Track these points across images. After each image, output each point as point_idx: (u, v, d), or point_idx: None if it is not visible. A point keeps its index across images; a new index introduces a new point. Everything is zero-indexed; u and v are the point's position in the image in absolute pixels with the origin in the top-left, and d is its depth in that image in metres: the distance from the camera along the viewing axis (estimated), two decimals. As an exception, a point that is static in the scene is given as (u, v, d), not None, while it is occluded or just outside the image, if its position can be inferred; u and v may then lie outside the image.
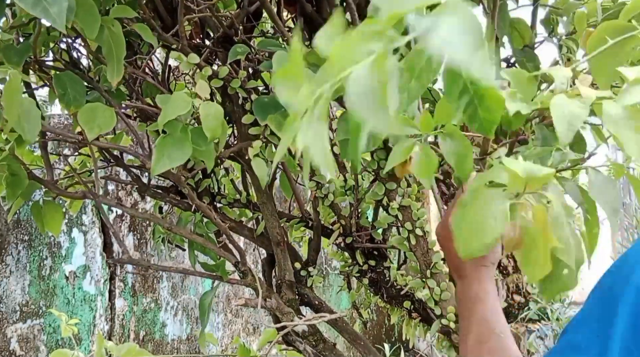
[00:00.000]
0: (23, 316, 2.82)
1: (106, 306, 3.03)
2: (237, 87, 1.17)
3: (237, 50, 1.07)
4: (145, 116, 1.47)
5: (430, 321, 1.37)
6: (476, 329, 0.90)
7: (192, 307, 3.30)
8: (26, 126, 0.83)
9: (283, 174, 1.63)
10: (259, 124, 1.24)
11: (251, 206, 1.57)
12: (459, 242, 0.60)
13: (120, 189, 3.04)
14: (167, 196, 1.55)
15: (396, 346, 3.82)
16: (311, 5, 1.30)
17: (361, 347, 1.51)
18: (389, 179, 1.26)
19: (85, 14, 0.89)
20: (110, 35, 0.93)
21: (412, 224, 1.26)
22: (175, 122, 0.93)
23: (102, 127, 0.97)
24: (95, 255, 3.02)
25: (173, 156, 0.92)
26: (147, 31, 1.03)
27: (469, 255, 0.59)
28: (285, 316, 1.40)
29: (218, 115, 0.93)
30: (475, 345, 0.88)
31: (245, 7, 1.26)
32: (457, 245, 0.61)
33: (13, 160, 1.21)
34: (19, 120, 0.83)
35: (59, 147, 2.64)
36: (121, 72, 0.97)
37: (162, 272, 3.17)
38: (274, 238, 1.45)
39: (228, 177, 1.63)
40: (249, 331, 3.54)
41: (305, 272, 1.50)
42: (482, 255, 0.76)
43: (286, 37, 1.12)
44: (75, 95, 1.02)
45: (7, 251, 2.83)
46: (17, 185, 1.23)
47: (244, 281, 1.41)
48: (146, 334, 3.12)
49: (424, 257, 1.27)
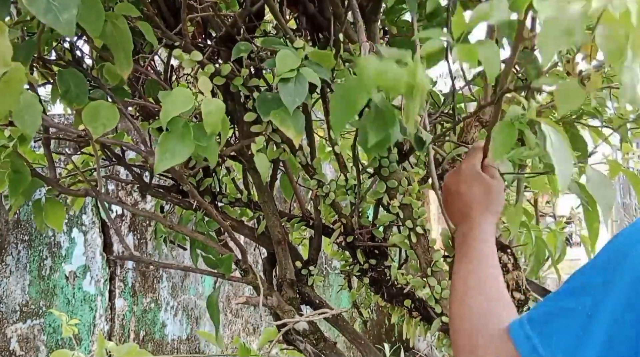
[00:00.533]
0: (23, 316, 2.83)
1: (106, 306, 3.03)
2: (240, 84, 1.18)
3: (240, 48, 1.07)
4: (147, 115, 1.48)
5: (430, 320, 1.38)
6: (476, 268, 0.92)
7: (192, 307, 3.30)
8: (27, 119, 0.83)
9: (284, 175, 1.63)
10: (260, 122, 1.25)
11: (252, 205, 1.58)
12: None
13: (121, 188, 3.05)
14: (168, 194, 1.55)
15: (396, 346, 3.83)
16: (313, 5, 1.31)
17: (361, 347, 1.52)
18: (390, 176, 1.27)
19: (88, 12, 0.90)
20: (115, 30, 0.94)
21: (412, 222, 1.27)
22: (178, 119, 0.94)
23: (107, 125, 0.98)
24: (95, 255, 3.02)
25: (175, 153, 0.93)
26: (149, 30, 1.04)
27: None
28: (286, 315, 1.41)
29: (219, 111, 0.93)
30: (476, 287, 0.90)
31: (248, 7, 1.27)
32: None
33: (16, 158, 1.22)
34: (20, 113, 0.84)
35: (59, 146, 2.65)
36: (130, 64, 0.97)
37: (162, 272, 3.17)
38: (275, 237, 1.46)
39: (229, 177, 1.63)
40: (249, 331, 3.54)
41: (306, 271, 1.51)
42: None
43: (289, 35, 1.13)
44: (78, 93, 1.02)
45: (7, 251, 2.83)
46: (19, 182, 1.24)
47: (245, 279, 1.41)
48: (146, 334, 3.12)
49: (424, 255, 1.27)
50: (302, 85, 0.93)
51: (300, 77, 0.93)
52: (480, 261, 0.92)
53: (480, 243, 0.94)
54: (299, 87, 0.92)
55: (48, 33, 1.12)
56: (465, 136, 1.30)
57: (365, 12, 1.31)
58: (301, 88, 0.92)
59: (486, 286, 0.88)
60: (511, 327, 0.78)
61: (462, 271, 0.92)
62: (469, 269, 0.91)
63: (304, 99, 0.92)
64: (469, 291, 0.89)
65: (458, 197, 1.00)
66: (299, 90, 0.92)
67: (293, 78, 0.93)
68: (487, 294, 0.87)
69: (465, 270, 0.92)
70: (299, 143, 0.93)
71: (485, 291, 0.88)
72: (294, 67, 0.93)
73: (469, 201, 0.98)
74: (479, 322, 0.83)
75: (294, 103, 0.91)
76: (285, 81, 0.93)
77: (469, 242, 0.95)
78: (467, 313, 0.86)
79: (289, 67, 0.93)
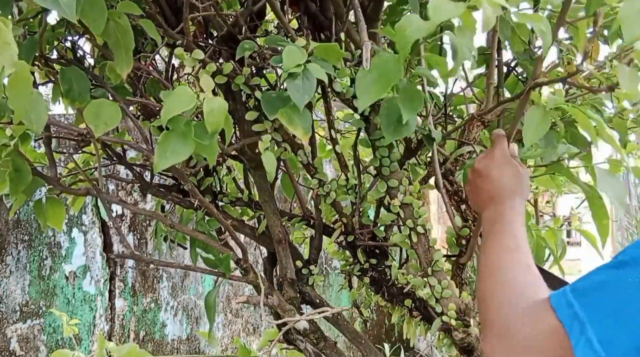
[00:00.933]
0: (23, 316, 2.83)
1: (106, 306, 3.03)
2: (241, 83, 1.18)
3: (245, 46, 1.07)
4: (148, 114, 1.48)
5: (431, 320, 1.38)
6: (511, 244, 0.91)
7: (192, 307, 3.30)
8: (34, 116, 0.83)
9: (285, 174, 1.63)
10: (261, 122, 1.25)
11: (253, 204, 1.58)
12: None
13: (121, 188, 3.05)
14: (169, 194, 1.55)
15: (396, 345, 3.82)
16: (315, 4, 1.31)
17: (362, 346, 1.52)
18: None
19: (91, 10, 0.90)
20: (117, 28, 0.94)
21: (413, 221, 1.27)
22: (179, 118, 0.94)
23: (109, 123, 0.98)
24: (95, 255, 3.02)
25: (176, 152, 0.92)
26: (151, 27, 1.04)
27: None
28: (287, 314, 1.41)
29: (222, 110, 0.93)
30: (504, 254, 0.89)
31: (249, 6, 1.27)
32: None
33: (17, 156, 1.22)
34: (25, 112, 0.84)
35: (60, 146, 2.65)
36: (130, 63, 0.97)
37: (162, 272, 3.17)
38: (275, 236, 1.46)
39: (230, 176, 1.63)
40: (249, 331, 3.54)
41: (306, 270, 1.51)
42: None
43: (290, 33, 1.13)
44: (81, 91, 1.02)
45: (7, 251, 2.83)
46: (20, 181, 1.24)
47: (245, 278, 1.41)
48: (146, 334, 3.12)
49: (425, 255, 1.28)
50: (309, 81, 0.93)
51: (308, 73, 0.93)
52: (516, 237, 0.92)
53: (513, 224, 0.94)
54: (306, 83, 0.92)
55: (49, 32, 1.12)
56: (468, 136, 1.31)
57: (367, 12, 1.31)
58: (309, 84, 0.92)
59: (522, 260, 0.88)
60: (552, 296, 0.77)
61: (496, 247, 0.92)
62: (503, 244, 0.91)
63: (312, 95, 0.93)
64: (504, 263, 0.87)
65: (489, 182, 1.01)
66: (307, 87, 0.92)
67: (300, 74, 0.93)
68: (523, 266, 0.86)
69: (499, 246, 0.91)
70: (307, 141, 0.93)
71: (520, 264, 0.87)
72: (300, 62, 0.93)
73: (501, 186, 0.99)
74: (516, 292, 0.82)
75: (303, 100, 0.91)
76: (293, 77, 0.93)
77: (503, 222, 0.95)
78: (507, 284, 0.84)
79: (296, 62, 0.93)
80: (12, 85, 0.77)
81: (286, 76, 0.92)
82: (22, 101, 0.80)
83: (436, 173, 1.16)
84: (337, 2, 1.27)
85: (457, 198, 1.31)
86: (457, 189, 1.29)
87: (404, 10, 1.48)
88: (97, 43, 1.05)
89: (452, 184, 1.29)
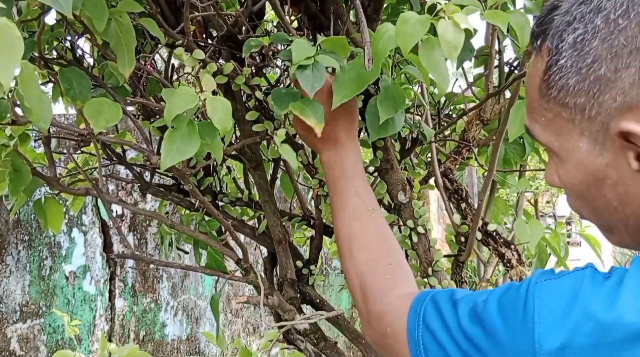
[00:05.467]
0: (23, 316, 2.83)
1: (106, 306, 3.03)
2: (242, 83, 1.18)
3: (251, 44, 1.07)
4: (148, 114, 1.48)
5: (431, 320, 1.38)
6: (351, 205, 0.94)
7: (192, 307, 3.30)
8: (40, 113, 0.83)
9: (284, 174, 1.63)
10: (262, 122, 1.25)
11: (253, 204, 1.58)
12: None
13: (121, 189, 3.05)
14: (169, 194, 1.55)
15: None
16: (315, 4, 1.31)
17: (362, 346, 1.52)
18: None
19: (93, 7, 0.90)
20: (119, 27, 0.94)
21: (414, 222, 1.27)
22: (182, 117, 0.94)
23: (109, 120, 0.98)
24: (95, 255, 3.02)
25: (182, 150, 0.92)
26: (153, 25, 1.04)
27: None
28: (287, 314, 1.40)
29: (226, 109, 0.93)
30: (351, 222, 0.93)
31: (249, 6, 1.27)
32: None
33: (17, 156, 1.22)
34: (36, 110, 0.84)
35: (59, 146, 2.65)
36: (133, 62, 0.97)
37: (162, 273, 3.17)
38: (275, 236, 1.46)
39: (230, 176, 1.63)
40: (249, 331, 3.54)
41: (306, 270, 1.51)
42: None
43: (291, 32, 1.13)
44: (81, 90, 1.02)
45: (7, 251, 2.83)
46: (20, 181, 1.24)
47: (246, 278, 1.41)
48: (146, 334, 3.12)
49: (425, 255, 1.28)
50: (319, 71, 0.94)
51: (317, 64, 0.94)
52: (356, 201, 0.95)
53: (353, 179, 0.97)
54: (316, 73, 0.93)
55: (49, 32, 1.12)
56: (467, 134, 1.31)
57: (367, 11, 1.31)
58: (319, 74, 0.93)
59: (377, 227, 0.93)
60: (414, 300, 0.77)
61: (337, 206, 0.96)
62: (345, 209, 0.95)
63: (322, 84, 0.93)
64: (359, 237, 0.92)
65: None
66: (316, 76, 0.93)
67: (310, 65, 0.94)
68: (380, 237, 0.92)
69: (339, 206, 0.96)
70: (320, 131, 0.94)
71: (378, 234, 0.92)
72: (310, 55, 0.94)
73: (335, 127, 0.99)
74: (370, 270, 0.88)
75: (313, 88, 0.92)
76: (302, 69, 0.93)
77: (342, 179, 0.98)
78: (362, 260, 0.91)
79: (306, 54, 0.94)
80: (22, 83, 0.77)
81: (295, 69, 0.93)
82: (33, 99, 0.80)
83: (435, 172, 1.16)
84: (338, 2, 1.27)
85: (456, 196, 1.32)
86: (456, 188, 1.29)
87: (404, 10, 1.48)
88: (97, 43, 1.04)
89: (451, 182, 1.29)
